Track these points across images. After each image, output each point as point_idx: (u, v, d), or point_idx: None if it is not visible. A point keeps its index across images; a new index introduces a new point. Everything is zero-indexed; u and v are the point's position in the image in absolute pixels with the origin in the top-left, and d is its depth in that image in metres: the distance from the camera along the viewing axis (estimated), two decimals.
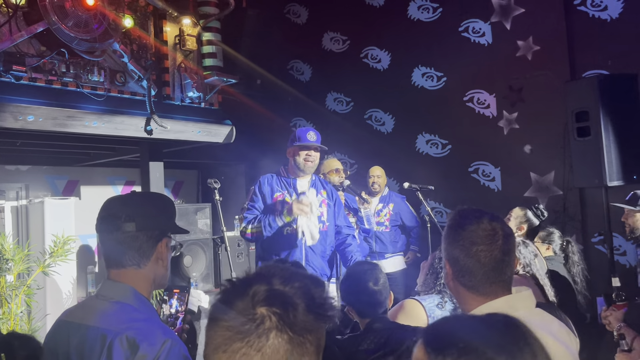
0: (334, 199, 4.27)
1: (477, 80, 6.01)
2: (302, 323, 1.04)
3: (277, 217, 3.97)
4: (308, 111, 7.35)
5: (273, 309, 1.03)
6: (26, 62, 4.02)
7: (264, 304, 1.03)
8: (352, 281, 2.60)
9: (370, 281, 2.51)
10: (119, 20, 4.37)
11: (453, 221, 1.63)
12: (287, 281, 1.08)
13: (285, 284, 1.07)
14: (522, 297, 1.58)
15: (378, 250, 5.60)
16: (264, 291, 1.05)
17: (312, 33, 7.29)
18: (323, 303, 1.09)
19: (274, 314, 1.03)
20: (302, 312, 1.05)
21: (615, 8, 5.09)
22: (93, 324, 1.59)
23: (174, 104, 5.12)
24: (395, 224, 5.74)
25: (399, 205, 5.77)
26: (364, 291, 2.49)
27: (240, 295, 1.05)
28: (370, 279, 2.51)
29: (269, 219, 3.97)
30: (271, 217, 3.98)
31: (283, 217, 3.97)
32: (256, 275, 1.10)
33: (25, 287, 4.80)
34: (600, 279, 4.39)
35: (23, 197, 6.14)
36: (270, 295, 1.04)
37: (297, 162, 4.12)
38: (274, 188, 4.12)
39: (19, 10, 3.94)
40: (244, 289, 1.06)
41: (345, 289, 2.63)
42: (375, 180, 5.74)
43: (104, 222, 1.72)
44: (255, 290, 1.05)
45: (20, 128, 4.09)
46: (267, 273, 1.10)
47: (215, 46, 5.32)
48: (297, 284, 1.08)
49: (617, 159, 4.23)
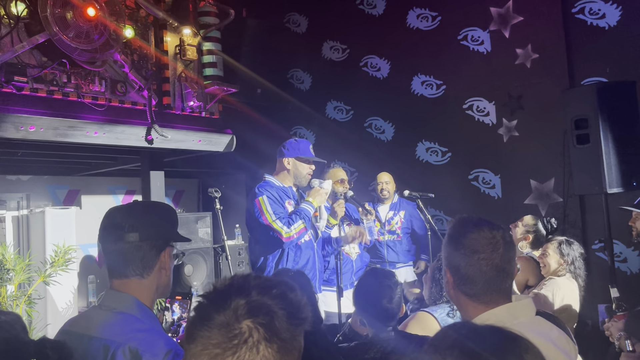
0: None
1: (476, 88, 6.03)
2: (286, 331, 1.05)
3: (306, 205, 4.00)
4: (308, 120, 7.37)
5: (258, 321, 1.03)
6: (28, 72, 4.03)
7: (248, 316, 1.03)
8: (367, 295, 2.56)
9: (384, 299, 2.49)
10: (120, 31, 4.39)
11: (453, 229, 1.64)
12: (265, 290, 1.08)
13: (263, 293, 1.07)
14: (523, 305, 1.58)
15: (390, 260, 5.50)
16: (245, 304, 1.04)
17: (311, 42, 7.33)
18: (300, 307, 1.10)
19: (260, 326, 1.03)
20: (284, 320, 1.05)
21: (613, 16, 5.12)
22: (96, 334, 1.59)
23: (175, 113, 5.14)
24: (407, 231, 5.66)
25: (410, 212, 5.69)
26: (377, 307, 2.48)
27: (221, 309, 1.04)
28: (384, 297, 2.49)
29: (303, 212, 3.97)
30: (303, 210, 3.98)
31: (311, 204, 4.02)
32: (232, 287, 1.09)
33: (26, 297, 4.80)
34: (601, 286, 4.38)
35: (24, 207, 6.15)
36: (252, 307, 1.04)
37: (298, 174, 4.15)
38: (282, 196, 4.13)
39: (20, 21, 3.97)
40: (222, 302, 1.05)
41: (359, 301, 2.62)
42: (384, 187, 5.66)
43: (106, 232, 1.73)
44: (236, 303, 1.04)
45: (21, 138, 4.10)
46: (243, 284, 1.09)
47: (216, 56, 5.35)
48: (274, 291, 1.08)
49: (617, 165, 4.25)
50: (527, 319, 1.55)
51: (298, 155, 4.16)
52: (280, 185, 4.17)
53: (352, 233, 4.26)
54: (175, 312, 1.99)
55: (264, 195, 3.99)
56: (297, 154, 4.16)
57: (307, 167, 4.17)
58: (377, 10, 6.82)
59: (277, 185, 4.16)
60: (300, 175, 4.16)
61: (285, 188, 4.17)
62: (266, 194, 4.00)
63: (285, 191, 4.16)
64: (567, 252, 3.68)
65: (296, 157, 4.17)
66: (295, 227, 3.89)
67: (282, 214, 3.94)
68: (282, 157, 4.19)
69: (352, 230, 4.29)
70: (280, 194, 4.11)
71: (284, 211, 3.99)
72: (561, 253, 3.68)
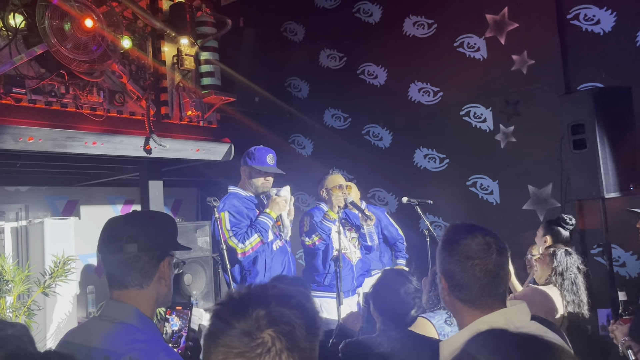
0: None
1: (473, 95, 6.05)
2: (305, 341, 1.06)
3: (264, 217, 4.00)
4: (306, 127, 7.38)
5: (280, 330, 1.04)
6: (26, 84, 4.05)
7: (269, 326, 1.04)
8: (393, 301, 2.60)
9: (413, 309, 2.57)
10: (118, 42, 4.42)
11: (447, 236, 1.65)
12: (284, 300, 1.09)
13: (283, 304, 1.08)
14: (518, 310, 1.59)
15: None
16: (265, 314, 1.05)
17: (309, 50, 7.35)
18: (315, 317, 1.11)
19: (282, 335, 1.03)
20: (303, 330, 1.06)
21: (607, 22, 5.15)
22: (96, 345, 1.60)
23: (173, 123, 5.16)
24: (378, 236, 5.67)
25: (378, 215, 5.70)
26: (402, 314, 2.53)
27: (242, 318, 1.05)
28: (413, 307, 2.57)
29: (259, 225, 3.98)
30: (260, 222, 3.99)
31: (268, 215, 4.01)
32: (250, 297, 1.10)
33: (25, 308, 4.80)
34: (599, 291, 4.39)
35: (23, 218, 6.15)
36: (273, 318, 1.05)
37: (253, 184, 4.19)
38: (248, 205, 4.15)
39: (18, 33, 3.99)
40: (242, 311, 1.06)
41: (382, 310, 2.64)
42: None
43: (106, 243, 1.73)
44: (257, 313, 1.05)
45: (20, 149, 4.12)
46: (261, 293, 1.10)
47: (213, 65, 5.37)
48: (292, 302, 1.09)
49: (614, 170, 4.27)
50: (522, 323, 1.56)
51: (252, 164, 4.19)
52: (246, 195, 4.19)
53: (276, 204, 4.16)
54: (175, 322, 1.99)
55: (225, 212, 4.05)
56: (252, 164, 4.19)
57: (262, 178, 4.19)
58: (374, 18, 6.85)
59: (243, 196, 4.18)
60: (255, 185, 4.20)
61: (251, 197, 4.20)
62: (227, 209, 4.06)
63: (251, 200, 4.19)
64: (559, 260, 3.61)
65: (250, 166, 4.19)
66: (250, 241, 3.97)
67: (239, 229, 4.00)
68: (241, 165, 4.23)
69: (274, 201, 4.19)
70: (247, 204, 4.14)
71: (247, 222, 4.05)
72: (552, 261, 3.62)
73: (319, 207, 4.85)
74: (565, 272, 3.56)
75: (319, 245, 4.51)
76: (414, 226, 6.07)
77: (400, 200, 5.45)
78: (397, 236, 5.65)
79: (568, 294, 3.55)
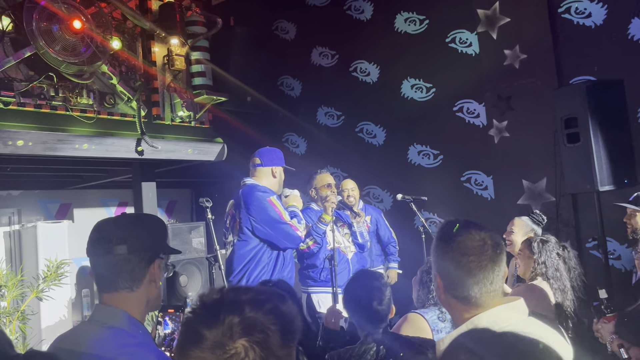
0: None
1: (466, 90, 6.04)
2: (280, 348, 1.03)
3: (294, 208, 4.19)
4: (299, 126, 7.36)
5: (254, 339, 1.01)
6: (14, 87, 4.02)
7: (242, 335, 1.01)
8: (357, 298, 2.56)
9: (374, 300, 2.49)
10: (107, 43, 4.38)
11: (441, 233, 1.62)
12: (258, 305, 1.05)
13: (257, 309, 1.04)
14: (515, 306, 1.57)
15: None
16: (239, 322, 1.02)
17: (300, 49, 7.33)
18: (292, 320, 1.08)
19: (256, 344, 1.00)
20: (278, 337, 1.03)
21: (599, 15, 5.14)
22: (86, 350, 1.57)
23: (165, 123, 5.13)
24: (374, 236, 5.65)
25: (375, 216, 5.70)
26: (368, 309, 2.47)
27: (213, 326, 1.02)
28: (375, 299, 2.49)
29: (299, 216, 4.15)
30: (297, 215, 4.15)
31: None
32: (223, 303, 1.06)
33: (19, 313, 4.76)
34: (595, 284, 4.38)
35: (15, 222, 6.11)
36: (246, 326, 1.01)
37: (278, 182, 4.27)
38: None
39: (5, 35, 3.95)
40: (214, 318, 1.03)
41: (349, 303, 2.62)
42: (350, 194, 5.60)
43: (95, 245, 1.70)
44: (230, 321, 1.01)
45: (10, 153, 4.08)
46: (234, 298, 1.07)
47: (204, 65, 5.34)
48: (267, 307, 1.06)
49: (608, 163, 4.26)
50: (520, 320, 1.54)
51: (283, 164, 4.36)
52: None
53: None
54: (168, 325, 1.96)
55: (274, 196, 4.08)
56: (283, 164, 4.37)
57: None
58: (365, 15, 6.83)
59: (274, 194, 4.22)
60: (280, 183, 4.33)
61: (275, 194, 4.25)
62: (272, 195, 4.08)
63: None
64: (537, 251, 3.55)
65: (282, 165, 4.35)
66: (301, 228, 4.08)
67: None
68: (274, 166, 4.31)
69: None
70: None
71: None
72: (531, 252, 3.56)
73: (309, 207, 4.84)
74: (547, 260, 3.51)
75: (314, 248, 4.50)
76: (409, 223, 6.07)
77: (394, 197, 5.44)
78: (391, 239, 5.68)
79: (554, 281, 3.51)
